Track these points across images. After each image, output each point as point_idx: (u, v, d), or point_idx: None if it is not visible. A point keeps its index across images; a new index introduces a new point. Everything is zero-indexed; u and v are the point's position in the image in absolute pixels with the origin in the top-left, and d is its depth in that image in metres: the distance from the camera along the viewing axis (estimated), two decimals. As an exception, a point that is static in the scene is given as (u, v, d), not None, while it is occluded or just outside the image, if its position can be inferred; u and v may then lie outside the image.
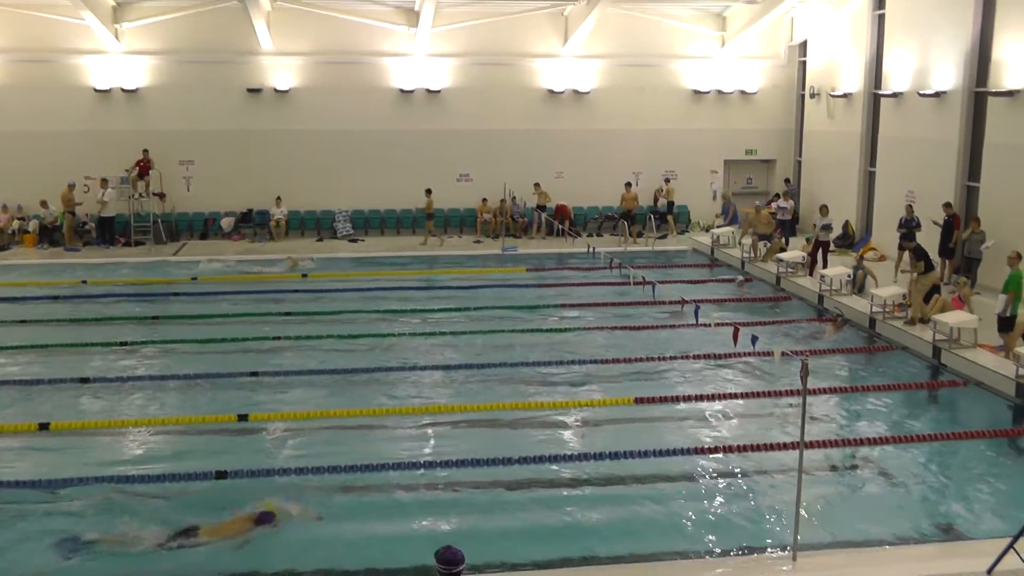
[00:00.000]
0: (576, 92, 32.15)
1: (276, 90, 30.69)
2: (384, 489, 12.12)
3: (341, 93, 30.99)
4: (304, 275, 25.01)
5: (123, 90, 30.19)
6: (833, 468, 13.17)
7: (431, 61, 31.25)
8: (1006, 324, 17.23)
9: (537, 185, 31.18)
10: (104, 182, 28.99)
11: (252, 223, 31.04)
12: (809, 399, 14.93)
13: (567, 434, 14.49)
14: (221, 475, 12.26)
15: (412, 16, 30.31)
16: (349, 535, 11.01)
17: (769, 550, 10.52)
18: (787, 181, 32.26)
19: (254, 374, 16.76)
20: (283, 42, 30.46)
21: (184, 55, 30.18)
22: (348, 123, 31.18)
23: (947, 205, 23.41)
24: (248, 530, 10.96)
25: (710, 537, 10.92)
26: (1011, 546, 9.61)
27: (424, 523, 11.25)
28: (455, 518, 11.41)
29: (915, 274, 19.89)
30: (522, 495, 12.05)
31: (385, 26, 30.74)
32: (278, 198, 30.52)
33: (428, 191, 29.88)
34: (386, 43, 31.06)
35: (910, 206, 24.45)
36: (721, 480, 12.59)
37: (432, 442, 14.02)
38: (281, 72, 30.63)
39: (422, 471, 12.62)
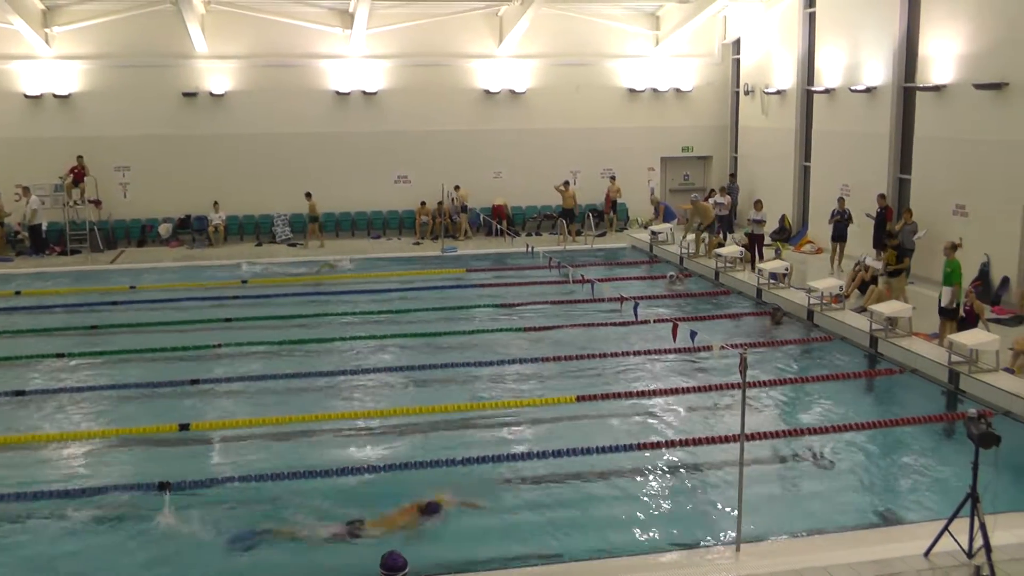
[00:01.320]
0: (512, 92, 32.21)
1: (212, 94, 30.34)
2: (326, 494, 12.03)
3: (277, 96, 30.73)
4: (244, 282, 24.70)
5: (55, 96, 29.65)
6: (775, 459, 13.29)
7: (367, 63, 31.12)
8: (950, 313, 17.62)
9: (457, 188, 31.11)
10: (26, 191, 28.48)
11: (190, 229, 30.67)
12: (750, 391, 15.20)
13: (509, 434, 14.48)
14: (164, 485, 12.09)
15: (347, 18, 30.17)
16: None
17: (713, 542, 10.60)
18: (732, 176, 32.53)
19: (195, 382, 16.52)
20: (218, 45, 30.16)
21: (117, 59, 29.73)
22: (285, 126, 30.94)
23: (881, 196, 23.84)
24: (416, 521, 11.23)
25: (655, 532, 10.99)
26: (946, 528, 9.81)
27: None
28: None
29: (884, 274, 20.19)
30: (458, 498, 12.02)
31: (320, 28, 30.56)
32: (216, 203, 30.17)
33: (308, 194, 29.77)
34: (321, 45, 30.87)
35: (841, 199, 24.85)
36: (664, 475, 12.66)
37: (374, 446, 13.95)
38: (216, 75, 30.33)
39: (366, 476, 12.55)
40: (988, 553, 9.40)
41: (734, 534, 10.32)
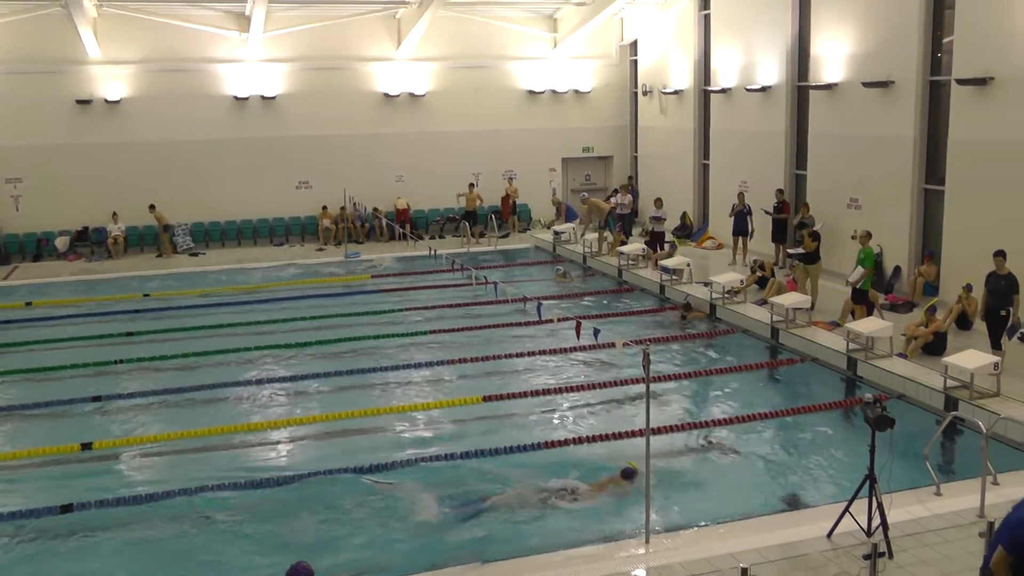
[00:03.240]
0: (412, 95, 32.11)
1: (107, 100, 29.54)
2: (232, 508, 11.91)
3: (174, 102, 30.07)
4: (146, 295, 24.13)
5: (-60, 106, 28.79)
6: (681, 451, 13.48)
7: (265, 67, 30.72)
8: (860, 296, 18.22)
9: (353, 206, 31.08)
10: None
11: (89, 241, 29.88)
12: (656, 385, 15.43)
13: (418, 436, 14.46)
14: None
15: (243, 21, 29.72)
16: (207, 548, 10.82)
17: (623, 536, 10.69)
18: (630, 178, 32.88)
19: (97, 399, 16.17)
20: (111, 50, 29.40)
21: (5, 66, 28.68)
22: (183, 133, 30.31)
23: (779, 192, 24.43)
24: (620, 486, 12.01)
25: (565, 530, 11.06)
26: (847, 510, 10.10)
27: (278, 539, 11.06)
28: (309, 531, 11.26)
29: (798, 263, 20.63)
30: (375, 502, 11.99)
31: (216, 31, 30.07)
32: (114, 214, 29.42)
33: (152, 207, 29.22)
34: (218, 49, 30.39)
35: (741, 194, 25.38)
36: (573, 472, 12.75)
37: (282, 455, 13.86)
38: (111, 82, 29.59)
39: (271, 489, 12.41)
40: (885, 531, 9.73)
41: (643, 527, 10.45)
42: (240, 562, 10.59)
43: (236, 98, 30.65)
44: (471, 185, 31.41)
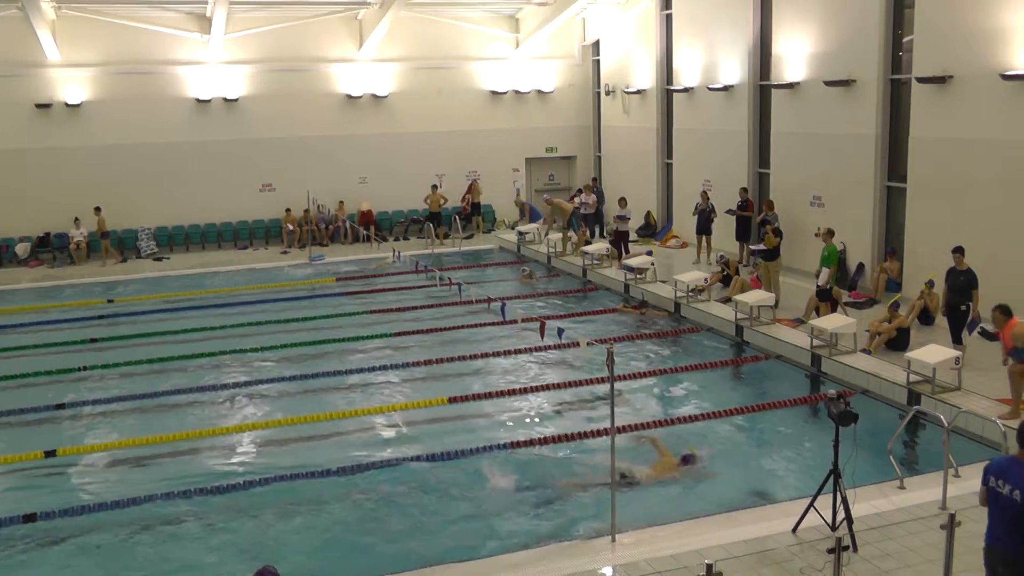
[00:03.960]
0: (375, 96, 32.01)
1: (67, 104, 29.19)
2: (200, 513, 11.79)
3: (136, 105, 29.76)
4: (109, 300, 23.86)
5: None
6: (647, 449, 13.42)
7: (227, 69, 30.51)
8: (824, 293, 18.34)
9: (341, 203, 30.89)
10: None
11: (50, 247, 29.52)
12: (621, 384, 15.45)
13: (384, 439, 14.38)
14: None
15: (204, 23, 29.49)
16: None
17: (589, 535, 10.68)
18: (594, 179, 32.84)
19: (60, 406, 15.93)
20: (71, 53, 29.07)
21: (-39, 70, 28.45)
22: (145, 136, 30.01)
23: (743, 190, 24.57)
24: (678, 471, 12.41)
25: (532, 529, 11.06)
26: (811, 505, 10.17)
27: (242, 544, 10.97)
28: (277, 535, 11.19)
29: (760, 260, 20.73)
30: (341, 506, 11.93)
31: (178, 33, 29.79)
32: (76, 219, 29.05)
33: (97, 209, 28.81)
34: (180, 51, 30.11)
35: (704, 193, 25.51)
36: (540, 472, 12.75)
37: (246, 459, 13.73)
38: (71, 85, 29.25)
39: (238, 493, 12.30)
40: (850, 525, 9.80)
41: (609, 526, 10.44)
42: (209, 567, 10.48)
43: (198, 100, 30.41)
44: (434, 187, 31.34)
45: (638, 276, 22.69)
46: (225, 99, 30.60)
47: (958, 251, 16.23)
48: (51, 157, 29.32)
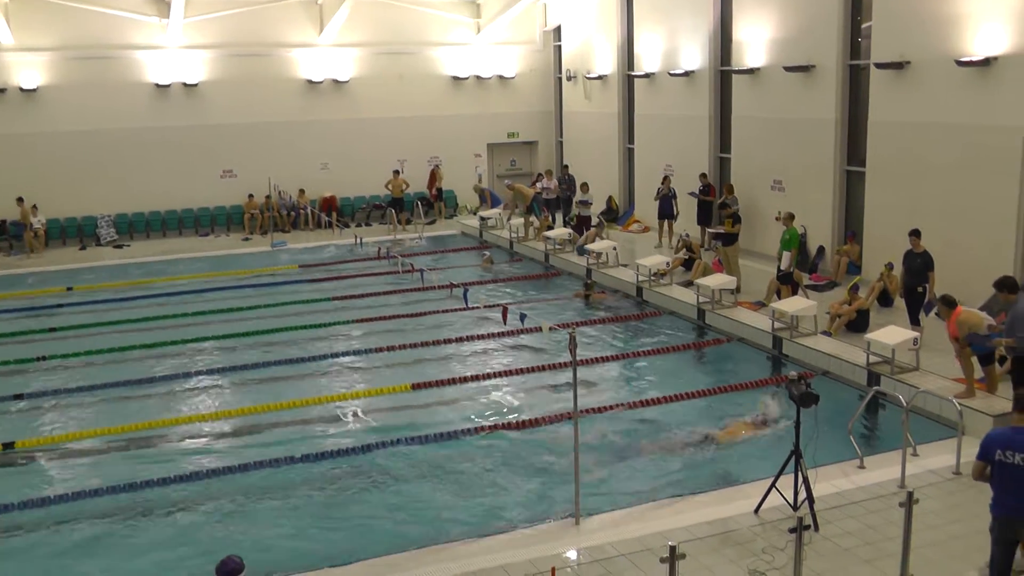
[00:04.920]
0: (335, 81, 31.81)
1: (22, 89, 28.66)
2: (163, 503, 11.71)
3: (93, 90, 29.29)
4: (69, 288, 23.54)
5: None
6: (611, 432, 13.53)
7: (186, 53, 30.12)
8: (785, 277, 18.53)
9: (302, 191, 30.78)
10: None
11: (7, 235, 29.00)
12: (583, 368, 15.51)
13: (347, 426, 14.35)
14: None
15: (163, 6, 29.08)
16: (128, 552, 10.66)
17: (554, 519, 10.73)
18: (565, 167, 32.44)
19: (19, 397, 15.75)
20: (26, 36, 28.50)
21: (-89, 54, 27.92)
22: (103, 122, 29.54)
23: (703, 175, 24.71)
24: (754, 431, 13.03)
25: (497, 514, 11.09)
26: (773, 485, 10.30)
27: (208, 534, 10.90)
28: (241, 525, 11.13)
29: (718, 244, 20.86)
30: (304, 493, 11.90)
31: (135, 17, 29.33)
32: (34, 206, 28.50)
33: (20, 200, 28.20)
34: (138, 35, 29.66)
35: (666, 178, 25.63)
36: (504, 457, 12.80)
37: (213, 448, 13.63)
38: (26, 70, 28.72)
39: (204, 481, 12.24)
40: (811, 504, 9.94)
41: (573, 509, 10.52)
42: (172, 557, 10.44)
43: (157, 85, 30.01)
44: (396, 172, 31.25)
45: (601, 261, 22.78)
46: (185, 84, 30.24)
47: (915, 234, 16.41)
48: (6, 144, 28.69)
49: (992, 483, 7.97)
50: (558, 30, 33.76)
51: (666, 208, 25.35)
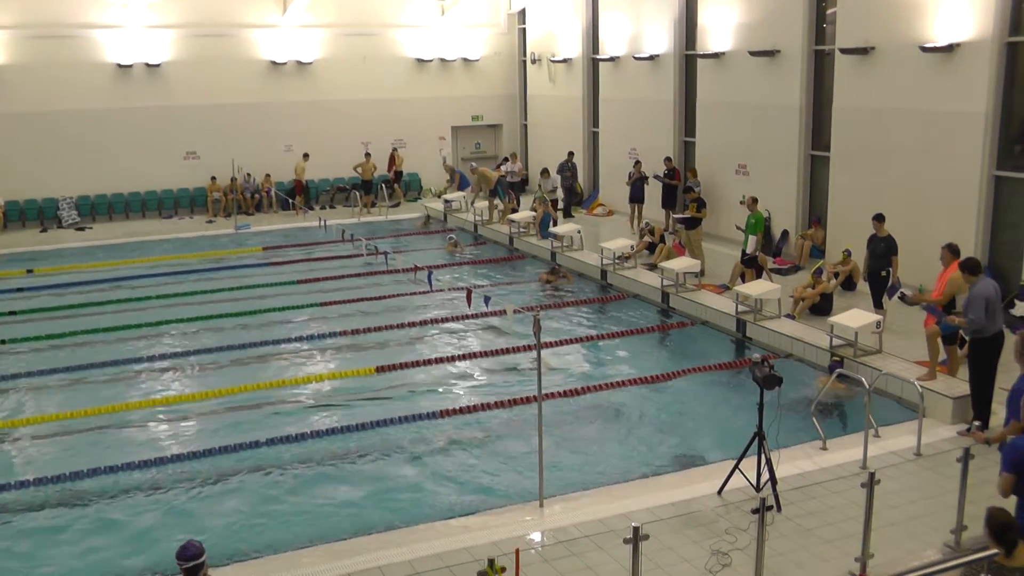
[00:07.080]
0: (299, 63, 31.51)
1: (-22, 70, 28.36)
2: (124, 489, 11.57)
3: (53, 70, 28.70)
4: (29, 271, 23.23)
5: None
6: (574, 414, 13.57)
7: (148, 33, 29.65)
8: (749, 260, 18.65)
9: (268, 176, 30.59)
10: None
11: (-34, 218, 28.66)
12: (549, 351, 15.52)
13: (312, 409, 14.23)
14: None
15: (125, -16, 28.84)
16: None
17: (517, 502, 10.72)
18: (570, 153, 32.09)
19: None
20: (-18, 15, 28.14)
21: None
22: (64, 102, 29.00)
23: (667, 160, 24.73)
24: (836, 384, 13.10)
25: (460, 497, 11.09)
26: (736, 467, 10.33)
27: (168, 520, 10.78)
28: (204, 509, 11.04)
29: (680, 227, 20.90)
30: (268, 477, 11.80)
31: (97, -6, 28.99)
32: (-8, 187, 28.33)
33: None
34: (99, 14, 29.12)
35: (638, 162, 25.66)
36: (467, 440, 12.79)
37: (176, 433, 13.48)
38: (-17, 51, 28.41)
39: (168, 467, 12.09)
40: (774, 486, 9.98)
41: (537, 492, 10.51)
42: (133, 542, 10.34)
43: (119, 66, 29.52)
44: (367, 155, 31.06)
45: (564, 244, 22.79)
46: (147, 64, 29.76)
47: (878, 218, 16.48)
48: (-36, 125, 28.31)
49: (1020, 492, 7.89)
50: (523, 13, 33.68)
51: (637, 192, 25.34)
